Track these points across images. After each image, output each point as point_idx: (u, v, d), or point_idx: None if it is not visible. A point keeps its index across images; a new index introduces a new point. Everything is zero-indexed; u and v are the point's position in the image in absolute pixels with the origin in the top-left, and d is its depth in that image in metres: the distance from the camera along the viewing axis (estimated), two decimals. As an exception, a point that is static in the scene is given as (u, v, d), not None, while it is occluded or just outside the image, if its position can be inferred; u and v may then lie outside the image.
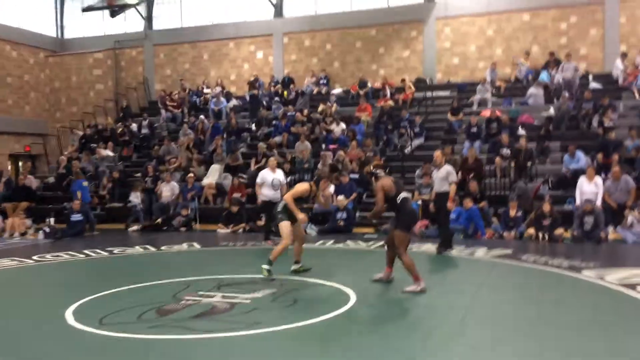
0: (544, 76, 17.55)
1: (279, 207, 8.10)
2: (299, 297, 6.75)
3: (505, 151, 14.19)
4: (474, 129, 15.72)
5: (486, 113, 16.50)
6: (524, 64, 18.47)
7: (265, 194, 11.01)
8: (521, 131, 15.49)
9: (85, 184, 14.95)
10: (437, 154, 10.22)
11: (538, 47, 19.22)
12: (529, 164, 13.53)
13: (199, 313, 6.04)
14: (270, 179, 10.95)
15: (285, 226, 7.91)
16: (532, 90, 17.08)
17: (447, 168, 9.99)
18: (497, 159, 13.98)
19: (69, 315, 6.01)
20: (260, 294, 6.87)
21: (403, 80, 19.21)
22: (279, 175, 11.14)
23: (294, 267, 8.15)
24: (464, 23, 20.13)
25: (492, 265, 8.76)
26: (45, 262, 9.90)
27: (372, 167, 7.62)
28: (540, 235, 11.00)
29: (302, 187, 8.17)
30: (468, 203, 11.81)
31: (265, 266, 7.74)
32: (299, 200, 8.10)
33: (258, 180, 11.28)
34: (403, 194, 7.14)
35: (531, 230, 11.19)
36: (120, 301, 6.68)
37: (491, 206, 12.59)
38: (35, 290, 7.96)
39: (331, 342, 5.10)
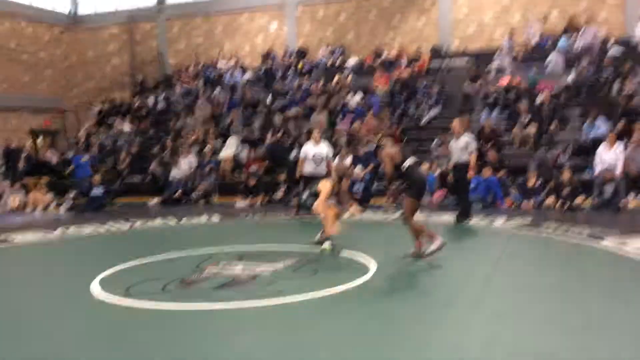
0: (562, 42, 17.22)
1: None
2: (320, 268, 6.82)
3: (524, 119, 14.02)
4: (492, 98, 15.54)
5: (504, 81, 16.28)
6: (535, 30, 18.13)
7: (305, 168, 10.59)
8: (540, 99, 15.28)
9: (83, 159, 15.12)
10: (455, 123, 10.13)
11: (557, 12, 18.80)
12: (551, 127, 13.24)
13: (222, 284, 6.14)
14: (311, 153, 10.55)
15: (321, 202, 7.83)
16: (551, 56, 16.77)
17: (467, 138, 9.91)
18: (515, 128, 13.84)
19: (95, 286, 6.14)
20: (282, 264, 6.95)
21: (418, 48, 18.96)
22: (322, 148, 10.63)
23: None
24: (481, -11, 19.73)
25: (511, 234, 8.75)
26: (69, 235, 10.08)
27: (379, 138, 7.58)
28: (560, 204, 10.93)
29: (325, 188, 7.99)
30: (487, 172, 11.75)
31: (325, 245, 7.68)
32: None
33: (301, 154, 10.88)
34: (409, 161, 7.04)
35: (550, 199, 11.13)
36: (144, 272, 6.82)
37: (510, 175, 12.53)
38: (61, 262, 8.14)
39: (353, 310, 5.17)
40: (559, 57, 16.68)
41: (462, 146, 9.84)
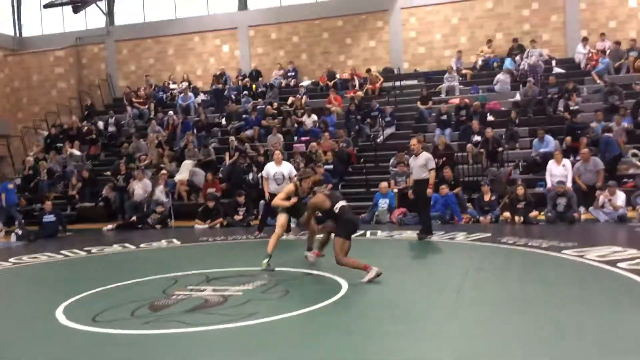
0: (508, 63, 17.92)
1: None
2: (290, 288, 6.77)
3: (476, 138, 14.45)
4: (444, 117, 15.97)
5: (455, 101, 16.77)
6: (484, 54, 18.89)
7: (270, 187, 10.73)
8: (490, 117, 15.82)
9: (10, 186, 14.85)
10: (414, 141, 10.31)
11: (502, 34, 19.59)
12: (499, 149, 13.80)
13: (192, 307, 6.01)
14: (272, 173, 10.75)
15: (282, 217, 8.24)
16: (498, 77, 17.42)
17: (426, 155, 10.10)
18: (469, 146, 14.23)
19: (59, 315, 5.90)
20: (251, 286, 6.86)
21: (368, 71, 19.34)
22: (284, 168, 10.85)
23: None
24: (429, 12, 20.35)
25: (474, 248, 8.95)
26: (24, 264, 9.66)
27: (310, 184, 8.11)
28: (516, 218, 11.26)
29: (287, 188, 8.47)
30: (444, 190, 12.00)
31: (264, 260, 7.85)
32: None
33: (263, 173, 11.10)
34: (340, 203, 7.26)
35: (506, 214, 11.46)
36: (110, 299, 6.59)
37: (465, 192, 12.83)
38: (20, 291, 7.78)
39: (329, 328, 5.16)
40: (506, 77, 17.32)
41: (421, 164, 9.99)
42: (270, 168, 10.86)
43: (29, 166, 17.35)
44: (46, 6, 21.27)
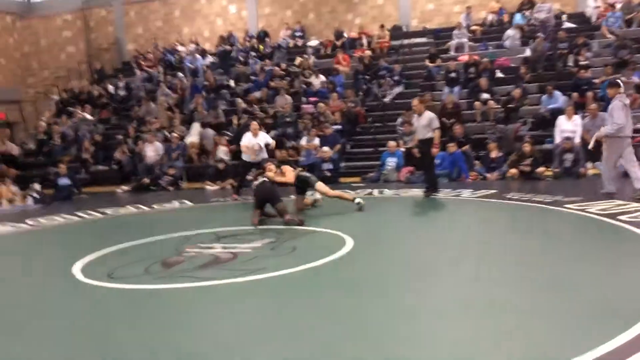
0: (518, 18, 17.67)
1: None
2: (297, 245, 6.97)
3: (485, 96, 14.39)
4: (453, 75, 15.88)
5: (464, 58, 16.64)
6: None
7: (246, 155, 11.35)
8: (499, 74, 15.72)
9: None
10: (415, 102, 10.41)
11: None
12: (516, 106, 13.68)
13: (203, 263, 6.23)
14: (251, 144, 11.23)
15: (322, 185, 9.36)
16: (508, 32, 17.21)
17: (429, 115, 10.18)
18: (477, 103, 14.20)
19: (77, 272, 6.16)
20: (259, 243, 7.07)
21: (382, 27, 19.15)
22: (261, 139, 11.37)
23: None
24: (439, -32, 19.99)
25: (479, 204, 9.09)
26: (41, 226, 9.97)
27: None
28: (523, 174, 11.35)
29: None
30: (452, 147, 12.07)
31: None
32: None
33: (242, 142, 11.55)
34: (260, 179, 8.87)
35: (513, 171, 11.54)
36: (124, 257, 6.85)
37: (473, 150, 12.90)
38: (38, 251, 8.06)
39: (335, 281, 5.36)
40: (516, 33, 17.11)
41: (425, 123, 10.07)
42: (248, 139, 11.33)
43: (42, 131, 17.59)
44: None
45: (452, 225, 7.77)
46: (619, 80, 9.14)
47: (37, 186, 13.55)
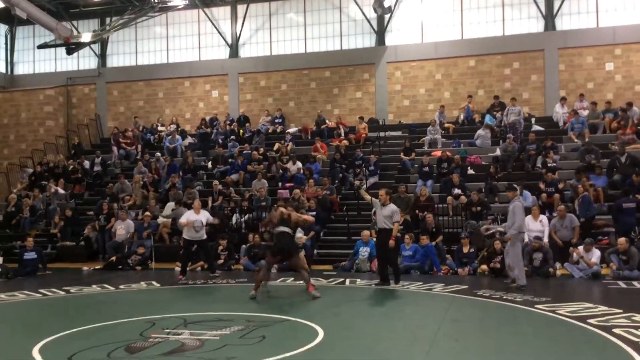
0: (488, 119, 18.48)
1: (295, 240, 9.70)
2: (267, 333, 6.84)
3: (456, 191, 14.76)
4: (426, 168, 16.31)
5: (437, 153, 17.18)
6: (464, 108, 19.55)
7: (187, 233, 11.73)
8: (471, 171, 16.21)
9: None
10: (382, 192, 10.79)
11: (483, 91, 20.24)
12: (478, 209, 14.07)
13: (169, 350, 6.06)
14: (192, 220, 11.62)
15: (302, 256, 9.45)
16: (479, 132, 17.91)
17: (393, 207, 10.48)
18: (449, 198, 14.52)
19: (36, 354, 5.91)
20: (228, 330, 6.93)
21: (361, 118, 19.79)
22: (203, 216, 11.80)
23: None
24: (414, 67, 21.00)
25: (450, 299, 9.09)
26: (1, 301, 9.60)
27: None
28: (493, 271, 11.45)
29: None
30: (424, 240, 12.20)
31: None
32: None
33: (182, 219, 11.88)
34: (281, 228, 9.15)
35: (484, 267, 11.65)
36: (87, 339, 6.61)
37: (444, 243, 13.06)
38: (-3, 328, 7.75)
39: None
40: (487, 133, 17.82)
41: (387, 214, 10.43)
42: (191, 216, 11.79)
43: (12, 203, 17.30)
44: (40, 47, 21.60)
45: (423, 320, 7.73)
46: (515, 185, 10.94)
47: (0, 259, 13.15)
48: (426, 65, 20.86)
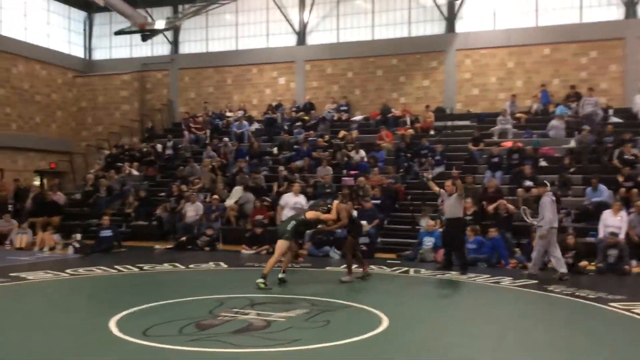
0: (562, 109, 17.79)
1: (288, 227, 9.04)
2: (332, 318, 6.90)
3: (528, 183, 14.32)
4: (495, 159, 15.91)
5: (507, 144, 16.71)
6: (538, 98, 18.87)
7: (285, 215, 11.49)
8: (543, 162, 15.69)
9: None
10: (448, 183, 11.06)
11: (558, 81, 19.50)
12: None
13: (237, 329, 6.22)
14: (292, 202, 11.56)
15: (283, 244, 8.92)
16: (553, 122, 17.28)
17: (457, 196, 10.65)
18: (520, 190, 14.10)
19: (113, 327, 6.21)
20: (294, 313, 7.03)
21: (427, 107, 19.51)
22: (301, 199, 11.71)
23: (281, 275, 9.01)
24: (485, 55, 20.47)
25: (519, 294, 8.87)
26: (80, 276, 10.14)
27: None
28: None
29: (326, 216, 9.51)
30: (492, 232, 11.94)
31: (260, 280, 8.58)
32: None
33: (280, 202, 11.87)
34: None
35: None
36: (159, 314, 6.89)
37: (514, 237, 12.73)
38: (76, 302, 8.20)
39: (370, 361, 5.26)
40: (561, 124, 17.17)
41: (453, 203, 10.57)
42: (289, 198, 11.86)
43: (89, 183, 18.16)
44: (117, 33, 22.48)
45: (490, 313, 7.58)
46: (546, 181, 11.07)
47: (78, 236, 13.86)
48: (498, 53, 20.29)
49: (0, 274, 9.86)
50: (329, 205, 9.73)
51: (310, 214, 9.50)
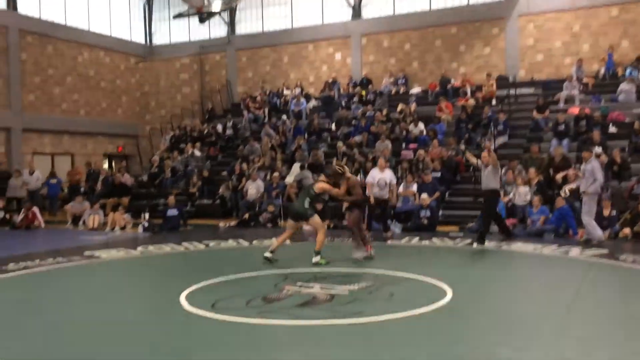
0: (629, 72, 16.88)
1: (306, 205, 9.09)
2: (395, 291, 6.90)
3: (597, 150, 13.72)
4: (562, 127, 15.33)
5: (574, 110, 16.05)
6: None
7: (373, 192, 11.79)
8: (612, 129, 15.00)
9: (53, 181, 18.08)
10: (484, 154, 10.80)
11: (628, 42, 18.50)
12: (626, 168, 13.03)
13: (302, 302, 6.33)
14: (377, 179, 11.74)
15: (317, 218, 9.05)
16: (622, 86, 16.45)
17: (491, 168, 10.47)
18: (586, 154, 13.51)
19: (183, 300, 6.44)
20: (356, 286, 7.08)
21: (488, 75, 18.96)
22: (386, 175, 11.83)
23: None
24: (549, 19, 19.65)
25: (589, 264, 8.59)
26: (150, 253, 10.56)
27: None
28: (637, 235, 10.63)
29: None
30: (560, 201, 11.58)
31: (315, 259, 8.69)
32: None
33: (368, 179, 12.05)
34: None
35: (626, 230, 10.85)
36: (227, 289, 7.10)
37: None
38: (149, 277, 8.57)
39: (436, 333, 5.24)
40: (631, 87, 16.32)
41: (488, 174, 10.50)
42: (375, 174, 11.82)
43: (155, 164, 18.78)
44: (175, 17, 22.97)
45: (558, 285, 7.37)
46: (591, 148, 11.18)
47: (146, 216, 14.40)
48: (562, 17, 19.42)
49: (75, 252, 10.39)
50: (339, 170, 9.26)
51: (319, 187, 9.30)
